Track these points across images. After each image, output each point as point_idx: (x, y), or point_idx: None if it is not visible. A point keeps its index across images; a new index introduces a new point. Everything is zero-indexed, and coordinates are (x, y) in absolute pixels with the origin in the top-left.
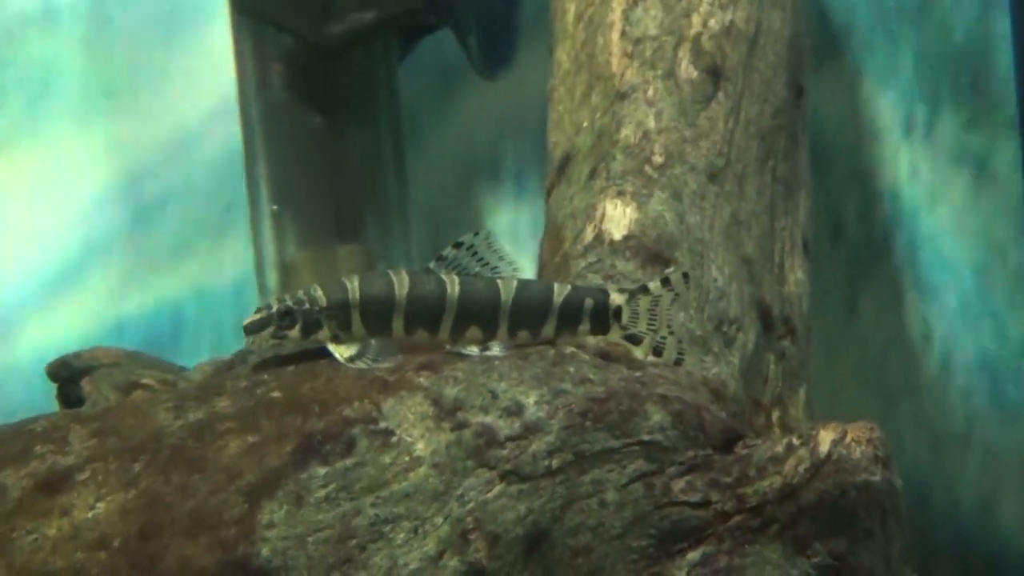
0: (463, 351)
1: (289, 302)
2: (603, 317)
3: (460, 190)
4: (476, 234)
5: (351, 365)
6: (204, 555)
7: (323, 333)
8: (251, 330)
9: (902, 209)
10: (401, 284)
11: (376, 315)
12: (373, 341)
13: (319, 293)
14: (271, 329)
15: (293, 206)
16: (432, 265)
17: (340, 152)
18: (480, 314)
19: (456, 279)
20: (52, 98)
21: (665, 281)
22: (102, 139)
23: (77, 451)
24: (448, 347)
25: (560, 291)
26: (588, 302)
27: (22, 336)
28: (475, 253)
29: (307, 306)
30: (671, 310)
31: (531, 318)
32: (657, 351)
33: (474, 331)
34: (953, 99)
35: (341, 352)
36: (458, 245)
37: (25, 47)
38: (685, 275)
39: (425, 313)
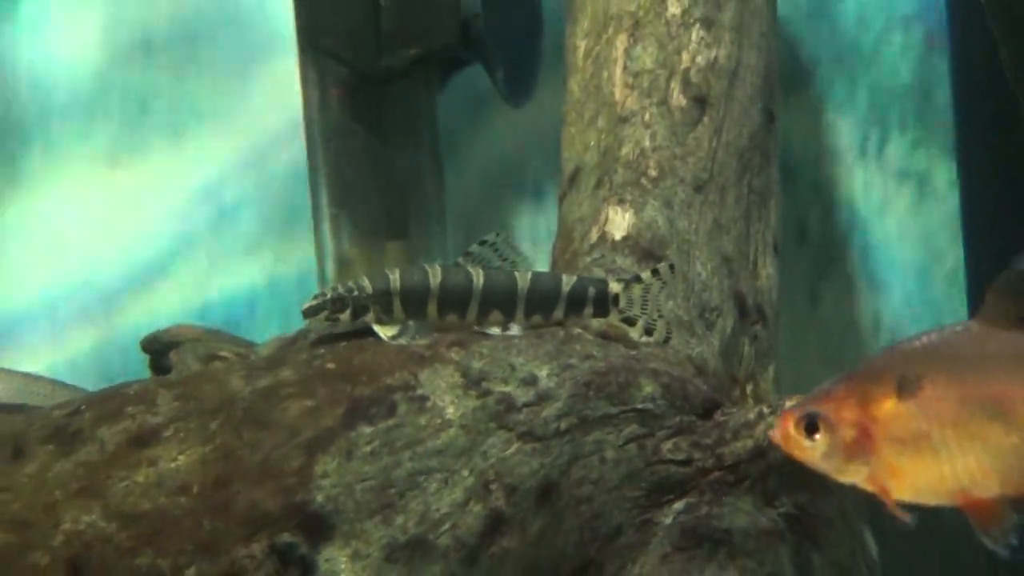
0: (487, 331)
1: (341, 290)
2: (603, 303)
3: (489, 198)
4: (497, 234)
5: (392, 343)
6: (268, 500)
7: (369, 316)
8: (308, 313)
9: (857, 218)
10: (435, 275)
11: (413, 301)
12: (411, 323)
13: (366, 282)
14: (325, 312)
15: (349, 210)
16: (461, 260)
17: (388, 165)
18: (501, 300)
19: (481, 271)
20: (149, 117)
21: (655, 272)
22: (190, 152)
23: (163, 412)
24: (475, 328)
25: (568, 281)
26: (591, 290)
27: (123, 316)
28: (496, 249)
29: (356, 293)
30: (660, 296)
31: (544, 304)
32: (649, 331)
33: (496, 315)
34: (900, 126)
35: (385, 332)
36: (482, 243)
37: (127, 74)
38: (671, 267)
39: (455, 299)
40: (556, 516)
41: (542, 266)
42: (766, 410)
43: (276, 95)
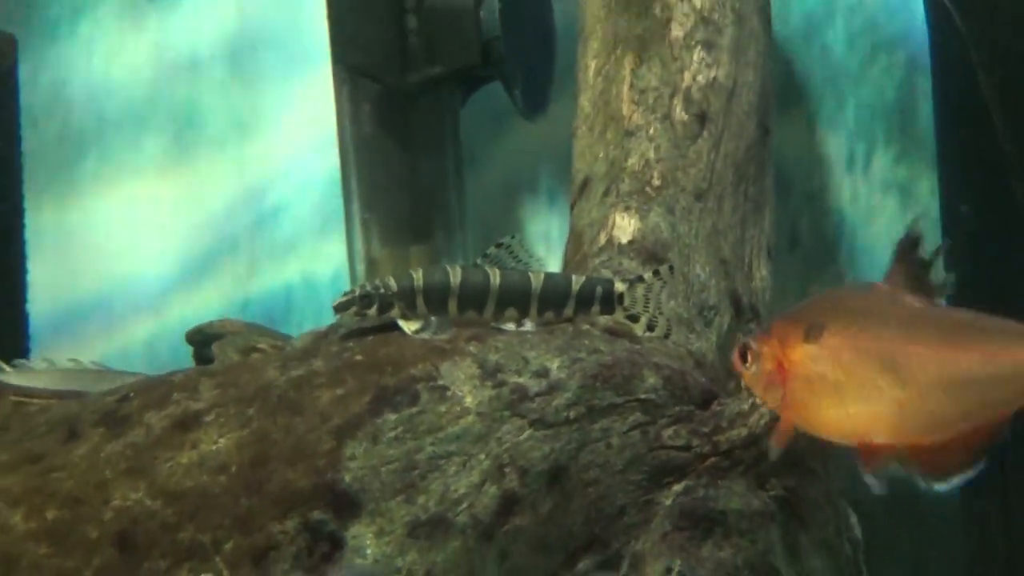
0: (502, 327)
1: (368, 288)
2: (610, 301)
3: (506, 204)
4: (512, 237)
5: (416, 336)
6: (301, 479)
7: (394, 312)
8: (339, 309)
9: (845, 224)
10: (455, 275)
11: (435, 298)
12: (433, 318)
13: (391, 281)
14: (354, 308)
15: (378, 214)
16: (479, 261)
17: (414, 174)
18: (516, 298)
19: (498, 271)
20: (195, 128)
21: (656, 273)
22: (233, 160)
23: (205, 398)
24: (492, 324)
25: (577, 281)
26: (599, 289)
27: (170, 310)
28: (511, 251)
29: (382, 291)
30: (661, 295)
31: (555, 302)
32: (651, 327)
33: (512, 311)
34: (886, 140)
35: (408, 326)
36: (499, 245)
37: (175, 88)
38: (671, 268)
39: (474, 297)
40: (565, 497)
41: (554, 267)
42: (759, 401)
43: (312, 109)
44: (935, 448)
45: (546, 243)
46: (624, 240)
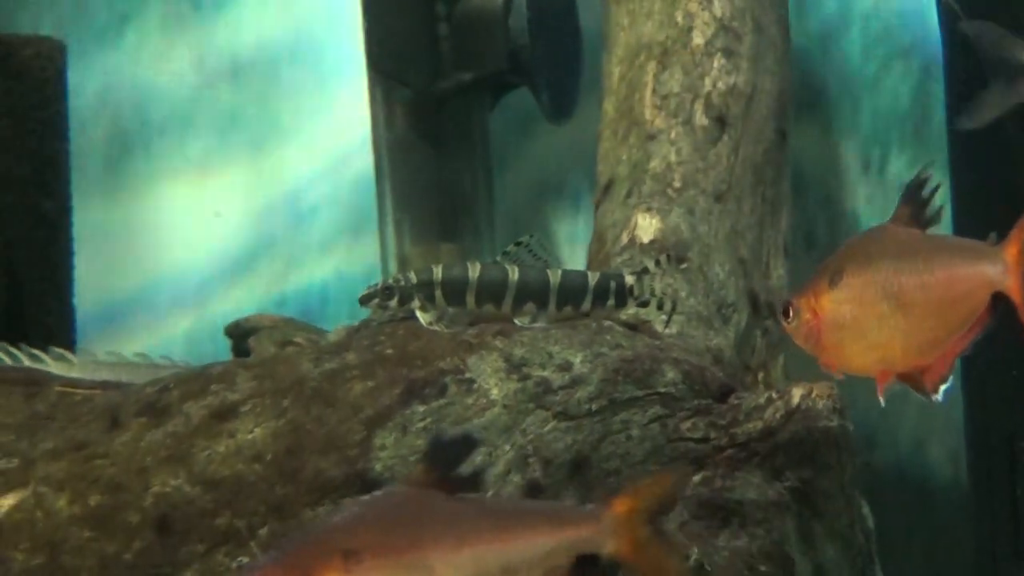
0: (518, 321)
1: (390, 281)
2: (623, 294)
3: (533, 205)
4: (531, 236)
5: (430, 327)
6: (333, 468)
7: (414, 303)
8: (363, 300)
9: (859, 226)
10: (474, 270)
11: (453, 292)
12: (449, 309)
13: (412, 275)
14: (376, 300)
15: (410, 214)
16: (499, 258)
17: (445, 175)
18: (535, 294)
19: (516, 268)
20: (236, 131)
21: (657, 263)
22: (272, 163)
23: (242, 390)
24: (511, 319)
25: (592, 277)
26: (612, 284)
27: (211, 305)
28: (530, 249)
29: (403, 283)
30: (665, 280)
31: (574, 296)
32: (660, 306)
33: (530, 306)
34: (900, 145)
35: (424, 317)
36: (518, 243)
37: (217, 93)
38: (668, 257)
39: (491, 292)
40: (587, 486)
41: (578, 264)
42: (775, 395)
43: (347, 113)
44: (928, 367)
45: (570, 242)
46: (646, 240)
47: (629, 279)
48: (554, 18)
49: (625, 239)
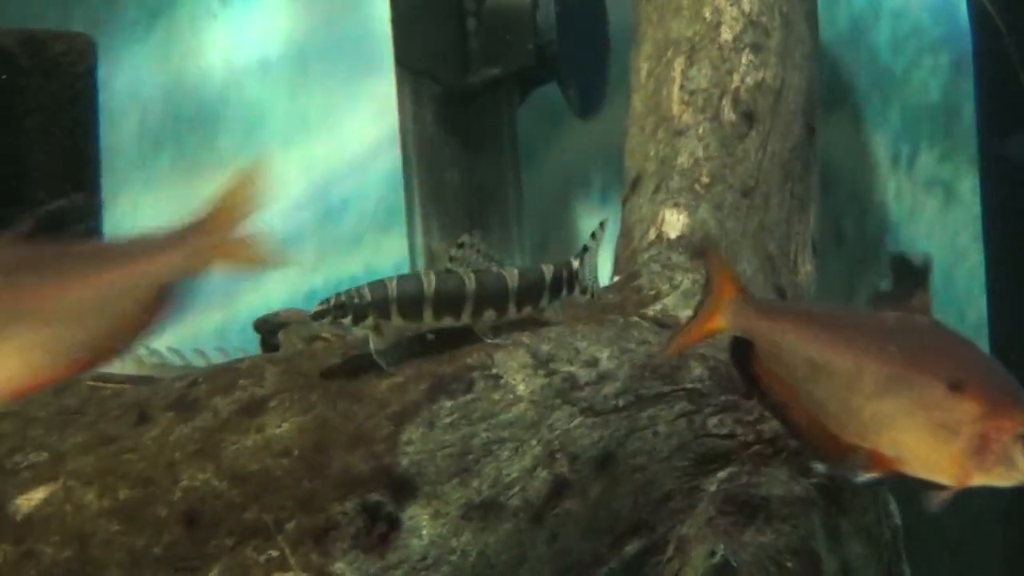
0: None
1: (343, 298)
2: (572, 280)
3: (561, 200)
4: (470, 234)
5: (376, 357)
6: (360, 463)
7: (368, 322)
8: (315, 317)
9: (888, 221)
10: (429, 283)
11: (410, 307)
12: (393, 343)
13: (366, 291)
14: (329, 318)
15: (438, 210)
16: (450, 265)
17: (473, 171)
18: (493, 299)
19: (472, 275)
20: (264, 127)
21: (593, 236)
22: (300, 158)
23: (270, 385)
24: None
25: (547, 271)
26: (564, 272)
27: (240, 300)
28: (476, 248)
29: (356, 301)
30: (596, 259)
31: (532, 296)
32: (585, 290)
33: (489, 312)
34: (929, 140)
35: (374, 342)
36: (460, 245)
37: (245, 89)
38: (602, 225)
39: (449, 304)
40: (613, 482)
41: (605, 259)
42: None
43: (376, 109)
44: None
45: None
46: (673, 235)
47: (574, 263)
48: (582, 14)
49: (653, 235)
